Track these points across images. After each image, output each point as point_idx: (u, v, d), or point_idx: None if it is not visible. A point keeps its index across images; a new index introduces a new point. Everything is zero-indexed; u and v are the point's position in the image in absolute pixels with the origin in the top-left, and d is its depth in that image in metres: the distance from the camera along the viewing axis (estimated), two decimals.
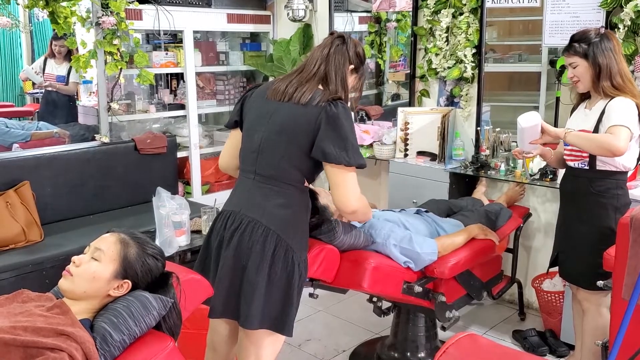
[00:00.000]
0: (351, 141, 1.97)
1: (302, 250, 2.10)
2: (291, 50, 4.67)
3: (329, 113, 1.96)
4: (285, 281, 2.04)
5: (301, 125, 2.00)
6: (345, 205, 2.04)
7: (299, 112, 2.01)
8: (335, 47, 2.12)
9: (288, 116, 2.03)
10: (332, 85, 2.06)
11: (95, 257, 1.74)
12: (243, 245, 2.03)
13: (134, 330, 1.66)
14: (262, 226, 2.03)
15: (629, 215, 2.16)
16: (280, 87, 2.09)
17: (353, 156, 1.96)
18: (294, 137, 2.01)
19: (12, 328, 1.50)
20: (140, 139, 3.99)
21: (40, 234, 3.31)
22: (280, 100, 2.06)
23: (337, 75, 2.08)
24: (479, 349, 1.16)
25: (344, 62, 2.11)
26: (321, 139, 1.96)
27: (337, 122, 1.96)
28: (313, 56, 2.13)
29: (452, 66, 3.81)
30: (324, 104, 1.98)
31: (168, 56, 4.33)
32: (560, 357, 3.15)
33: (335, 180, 2.00)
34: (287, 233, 2.04)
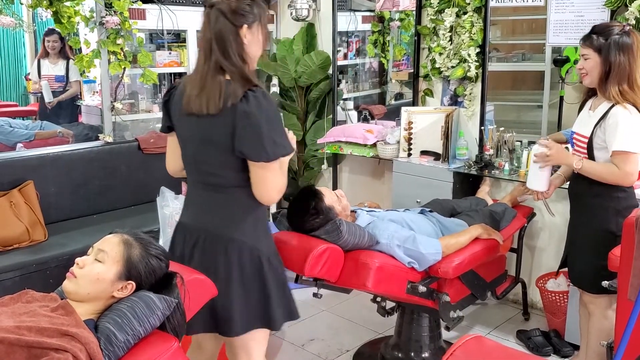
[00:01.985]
0: (267, 134, 1.83)
1: (266, 246, 2.04)
2: (294, 49, 4.67)
3: (239, 114, 1.83)
4: (259, 283, 2.01)
5: (220, 135, 1.89)
6: (267, 200, 1.96)
7: (214, 123, 1.89)
8: (211, 21, 1.88)
9: (206, 130, 1.92)
10: (233, 69, 1.86)
11: (99, 258, 1.74)
12: (205, 259, 1.99)
13: (138, 331, 1.66)
14: (219, 236, 1.99)
15: (634, 215, 2.15)
16: (188, 97, 1.92)
17: (272, 149, 1.85)
18: (219, 146, 1.91)
19: (17, 328, 1.50)
20: (143, 139, 4.00)
21: (44, 234, 3.31)
22: (193, 114, 1.92)
23: (231, 54, 1.87)
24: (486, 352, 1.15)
25: (229, 31, 1.87)
26: (238, 141, 1.86)
27: (249, 120, 1.83)
28: (199, 46, 1.96)
29: (456, 65, 3.80)
30: (233, 104, 1.83)
31: (171, 56, 4.33)
32: (564, 357, 3.14)
33: (256, 176, 1.91)
34: (247, 235, 1.99)
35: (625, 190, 2.52)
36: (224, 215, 1.99)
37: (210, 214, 2.02)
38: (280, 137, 1.89)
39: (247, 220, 2.00)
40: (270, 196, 1.95)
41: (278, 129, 1.89)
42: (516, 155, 3.48)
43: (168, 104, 2.06)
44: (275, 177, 1.92)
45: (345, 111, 4.61)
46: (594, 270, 2.57)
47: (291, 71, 4.57)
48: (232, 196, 1.98)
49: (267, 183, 1.92)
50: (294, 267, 2.59)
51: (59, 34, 5.13)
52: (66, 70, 5.13)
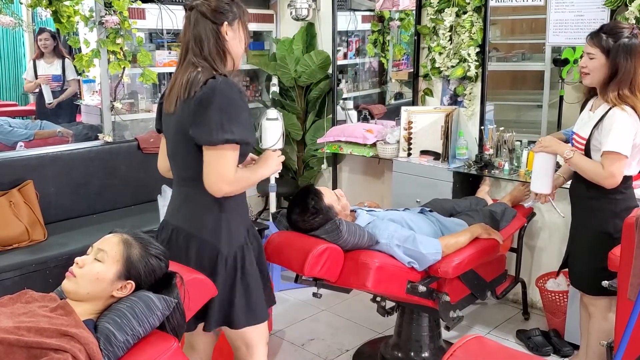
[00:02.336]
0: (215, 117, 1.83)
1: (227, 246, 2.01)
2: (294, 49, 4.67)
3: (196, 100, 1.86)
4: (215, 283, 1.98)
5: (184, 125, 1.91)
6: (213, 189, 1.89)
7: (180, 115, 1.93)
8: (190, 23, 1.94)
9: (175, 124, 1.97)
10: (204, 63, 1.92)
11: (98, 258, 1.74)
12: (171, 255, 1.95)
13: (137, 331, 1.66)
14: (183, 232, 2.01)
15: (634, 215, 2.15)
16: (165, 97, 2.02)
17: (218, 133, 1.82)
18: (184, 136, 1.93)
19: (16, 328, 1.50)
20: (143, 138, 3.99)
21: (44, 234, 3.31)
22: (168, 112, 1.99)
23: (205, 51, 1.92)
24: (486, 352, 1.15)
25: (209, 30, 1.93)
26: (191, 125, 1.87)
27: (201, 103, 1.84)
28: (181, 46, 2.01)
29: (456, 65, 3.80)
30: (195, 92, 1.87)
31: (171, 55, 4.33)
32: (564, 357, 3.14)
33: (204, 162, 1.89)
34: (207, 233, 1.99)
35: (623, 192, 2.50)
36: (187, 211, 2.02)
37: (178, 209, 2.06)
38: (231, 123, 1.84)
39: (208, 217, 1.99)
40: (215, 185, 1.88)
41: (232, 115, 1.86)
42: (516, 155, 3.48)
43: (161, 106, 2.10)
44: (220, 164, 1.86)
45: (345, 111, 4.61)
46: (592, 272, 2.57)
47: (291, 71, 4.57)
48: (196, 190, 1.96)
49: (211, 169, 1.87)
50: (294, 267, 2.59)
51: (50, 33, 5.13)
52: (62, 70, 5.12)
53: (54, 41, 5.10)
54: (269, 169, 2.08)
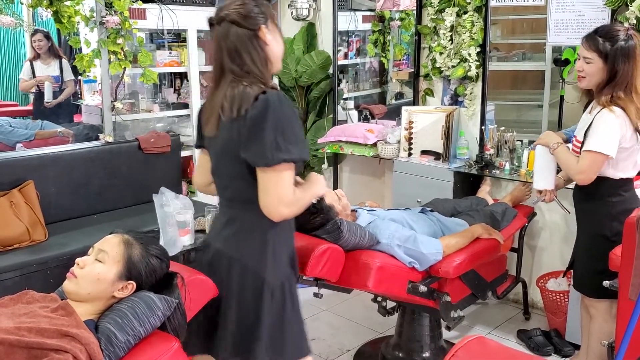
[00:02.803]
0: (270, 136, 1.68)
1: (273, 276, 1.85)
2: (295, 49, 4.67)
3: (248, 118, 1.71)
4: (255, 312, 1.84)
5: (232, 143, 1.78)
6: (272, 212, 1.74)
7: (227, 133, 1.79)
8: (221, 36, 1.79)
9: (221, 141, 1.84)
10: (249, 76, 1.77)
11: (99, 258, 1.74)
12: (210, 276, 1.89)
13: (138, 331, 1.66)
14: (223, 254, 1.88)
15: (635, 215, 2.15)
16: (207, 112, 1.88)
17: (274, 153, 1.68)
18: (231, 155, 1.80)
19: (17, 329, 1.50)
20: (144, 138, 3.99)
21: (45, 234, 3.31)
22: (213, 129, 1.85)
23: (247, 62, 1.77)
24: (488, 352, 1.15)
25: (246, 38, 1.77)
26: (243, 145, 1.74)
27: (254, 122, 1.71)
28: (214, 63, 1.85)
29: (456, 65, 3.80)
30: (246, 109, 1.72)
31: (172, 55, 4.32)
32: (565, 357, 3.14)
33: (259, 184, 1.74)
34: (251, 258, 1.84)
35: (621, 195, 2.50)
36: (230, 233, 1.87)
37: (221, 230, 1.91)
38: (287, 141, 1.70)
39: (253, 241, 1.84)
40: (274, 208, 1.73)
41: (287, 132, 1.70)
42: (517, 155, 3.48)
43: (200, 120, 1.97)
44: (279, 186, 1.71)
45: (346, 111, 4.61)
46: (590, 274, 2.59)
47: (291, 71, 4.57)
48: (242, 213, 1.85)
49: (269, 192, 1.72)
50: None
51: (44, 33, 5.13)
52: (60, 70, 5.12)
53: (47, 42, 5.10)
54: (320, 187, 1.93)
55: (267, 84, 1.78)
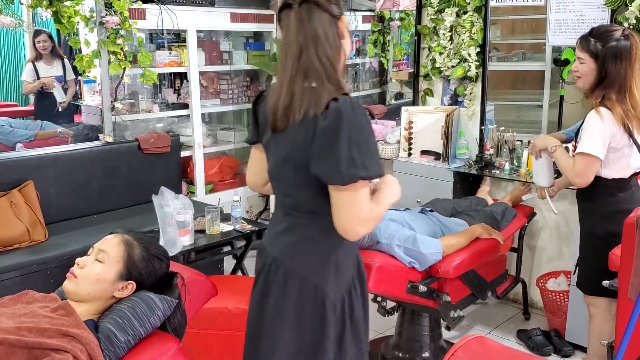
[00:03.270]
0: (345, 151, 1.50)
1: (335, 290, 1.67)
2: None
3: (319, 128, 1.53)
4: (318, 329, 1.66)
5: (297, 149, 1.60)
6: (346, 232, 1.58)
7: (291, 137, 1.61)
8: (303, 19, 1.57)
9: (284, 144, 1.65)
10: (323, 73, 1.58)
11: (99, 258, 1.74)
12: (265, 286, 1.72)
13: (138, 331, 1.66)
14: (282, 265, 1.68)
15: (634, 215, 2.15)
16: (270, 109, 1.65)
17: (349, 170, 1.50)
18: (295, 162, 1.63)
19: (17, 329, 1.50)
20: (144, 139, 4.00)
21: (45, 234, 3.31)
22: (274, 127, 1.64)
23: (328, 54, 1.58)
24: (487, 352, 1.15)
25: (328, 25, 1.58)
26: (314, 159, 1.56)
27: (326, 134, 1.52)
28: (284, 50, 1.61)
29: (456, 65, 3.80)
30: (315, 115, 1.54)
31: (171, 55, 4.33)
32: (565, 357, 3.14)
33: (333, 202, 1.57)
34: (311, 270, 1.66)
35: (616, 195, 2.50)
36: (289, 242, 1.70)
37: (279, 236, 1.73)
38: (363, 156, 1.52)
39: (315, 254, 1.68)
40: (350, 228, 1.56)
41: (363, 146, 1.52)
42: (516, 155, 3.48)
43: (257, 114, 1.79)
44: (355, 205, 1.54)
45: None
46: (586, 271, 2.63)
47: None
48: (303, 222, 1.68)
49: (345, 211, 1.55)
50: None
51: (47, 34, 5.13)
52: (63, 70, 5.13)
53: (51, 42, 5.10)
54: (395, 194, 1.72)
55: (340, 83, 1.60)
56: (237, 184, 4.83)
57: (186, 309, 1.83)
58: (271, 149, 1.71)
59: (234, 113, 5.03)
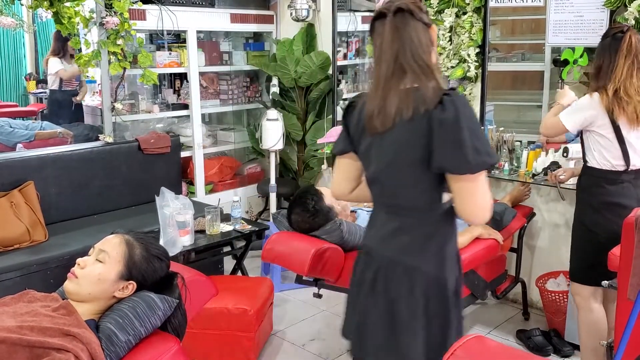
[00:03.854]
0: (469, 142, 1.58)
1: (453, 279, 1.77)
2: (294, 50, 4.67)
3: (436, 123, 1.59)
4: (442, 320, 1.75)
5: (410, 147, 1.66)
6: (475, 219, 1.67)
7: (402, 136, 1.66)
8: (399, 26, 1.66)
9: (393, 145, 1.68)
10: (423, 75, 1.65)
11: (100, 259, 1.75)
12: (391, 288, 1.75)
13: (139, 331, 1.66)
14: (403, 265, 1.73)
15: (634, 215, 2.16)
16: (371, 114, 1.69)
17: (475, 158, 1.58)
18: (408, 161, 1.68)
19: (19, 328, 1.51)
20: (144, 139, 4.00)
21: (45, 234, 3.32)
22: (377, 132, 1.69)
23: (424, 58, 1.66)
24: (487, 351, 1.16)
25: (421, 32, 1.67)
26: (437, 153, 1.61)
27: (448, 128, 1.59)
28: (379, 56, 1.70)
29: (456, 65, 3.80)
30: (427, 110, 1.60)
31: (171, 56, 4.33)
32: (564, 357, 3.14)
33: (460, 192, 1.65)
34: (432, 264, 1.73)
35: (603, 187, 2.56)
36: (406, 241, 1.75)
37: (391, 238, 1.77)
38: (483, 145, 1.62)
39: (432, 248, 1.75)
40: (477, 214, 1.65)
41: (480, 136, 1.62)
42: (516, 155, 3.48)
43: (348, 124, 1.83)
44: (481, 191, 1.64)
45: None
46: (573, 259, 2.76)
47: (291, 71, 4.58)
48: (415, 220, 1.74)
49: (473, 198, 1.64)
50: (295, 267, 2.60)
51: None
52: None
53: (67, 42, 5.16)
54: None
55: (439, 82, 1.67)
56: (237, 184, 4.83)
57: (187, 309, 1.84)
58: (373, 153, 1.75)
59: (233, 113, 5.03)
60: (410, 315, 1.72)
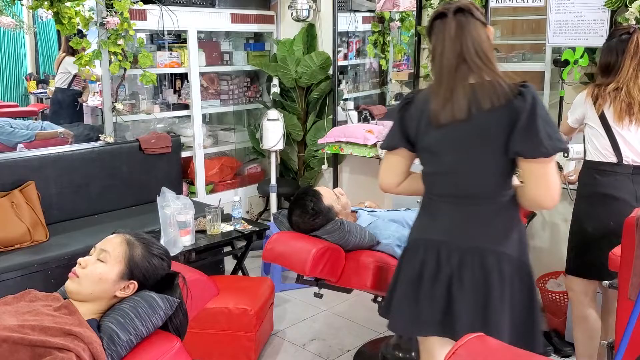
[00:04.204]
0: (543, 128, 1.71)
1: (530, 261, 1.93)
2: (295, 50, 4.67)
3: (516, 112, 1.73)
4: (527, 302, 1.87)
5: (488, 137, 1.78)
6: (548, 201, 1.79)
7: (478, 127, 1.78)
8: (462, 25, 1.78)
9: (468, 136, 1.80)
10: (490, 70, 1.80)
11: (101, 258, 1.75)
12: (478, 278, 1.83)
13: (140, 330, 1.67)
14: (490, 252, 1.83)
15: (634, 215, 2.15)
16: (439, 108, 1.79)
17: (550, 143, 1.72)
18: (485, 150, 1.80)
19: (20, 327, 1.51)
20: (144, 139, 4.00)
21: (46, 234, 3.32)
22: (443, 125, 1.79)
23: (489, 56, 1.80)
24: (488, 350, 1.16)
25: (481, 32, 1.80)
26: (515, 139, 1.73)
27: (527, 116, 1.72)
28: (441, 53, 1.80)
29: None
30: (508, 100, 1.73)
31: (172, 56, 4.33)
32: (565, 357, 3.14)
33: (534, 176, 1.77)
34: (514, 249, 1.87)
35: (594, 177, 2.60)
36: (488, 229, 1.85)
37: (470, 227, 1.86)
38: (554, 131, 1.76)
39: (512, 233, 1.86)
40: (551, 196, 1.77)
41: (551, 124, 1.76)
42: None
43: (403, 120, 1.90)
44: (554, 175, 1.77)
45: (346, 111, 4.62)
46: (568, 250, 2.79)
47: (291, 71, 4.58)
48: (494, 208, 1.85)
49: (548, 181, 1.76)
50: (295, 267, 2.60)
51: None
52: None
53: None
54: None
55: (511, 78, 1.80)
56: (238, 184, 4.84)
57: (188, 309, 1.84)
58: (446, 145, 1.84)
59: (234, 113, 5.04)
60: (501, 299, 1.82)
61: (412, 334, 1.96)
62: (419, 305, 1.90)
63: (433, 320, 1.88)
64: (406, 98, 1.92)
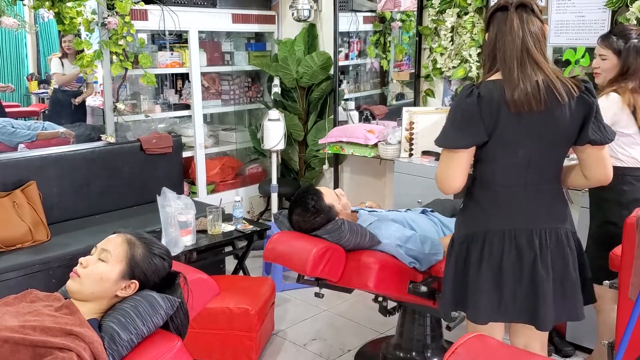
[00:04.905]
0: (603, 120, 1.98)
1: None
2: (296, 50, 4.68)
3: (588, 105, 1.92)
4: (582, 260, 2.11)
5: (563, 128, 1.94)
6: (608, 179, 2.04)
7: (556, 118, 1.91)
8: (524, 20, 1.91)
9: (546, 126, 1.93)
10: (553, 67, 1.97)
11: (102, 258, 1.75)
12: (558, 258, 2.02)
13: (141, 330, 1.67)
14: (561, 231, 2.03)
15: (634, 215, 2.16)
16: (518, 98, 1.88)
17: (610, 132, 1.97)
18: (559, 140, 1.97)
19: (22, 327, 1.51)
20: (145, 139, 4.01)
21: (47, 234, 3.32)
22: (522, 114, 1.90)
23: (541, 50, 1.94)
24: (488, 350, 1.16)
25: (539, 29, 1.95)
26: (590, 129, 1.93)
27: (596, 108, 1.94)
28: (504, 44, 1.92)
29: (457, 66, 3.81)
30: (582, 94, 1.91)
31: (173, 56, 4.34)
32: (565, 357, 3.14)
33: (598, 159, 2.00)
34: (572, 225, 2.10)
35: (632, 183, 2.58)
36: (559, 210, 2.06)
37: (546, 212, 2.03)
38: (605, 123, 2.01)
39: (568, 210, 2.10)
40: (609, 174, 2.03)
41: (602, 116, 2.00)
42: None
43: (482, 115, 1.92)
44: (609, 157, 2.03)
45: (347, 111, 4.62)
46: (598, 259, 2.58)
47: (292, 72, 4.58)
48: (556, 191, 2.07)
49: (607, 163, 2.01)
50: (296, 267, 2.60)
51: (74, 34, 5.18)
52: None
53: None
54: None
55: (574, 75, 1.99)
56: (239, 184, 4.84)
57: (189, 308, 1.84)
58: (521, 137, 1.94)
59: (235, 114, 5.04)
60: (574, 268, 2.03)
61: (495, 320, 2.08)
62: (503, 292, 2.01)
63: (518, 306, 2.01)
64: (471, 92, 1.93)
